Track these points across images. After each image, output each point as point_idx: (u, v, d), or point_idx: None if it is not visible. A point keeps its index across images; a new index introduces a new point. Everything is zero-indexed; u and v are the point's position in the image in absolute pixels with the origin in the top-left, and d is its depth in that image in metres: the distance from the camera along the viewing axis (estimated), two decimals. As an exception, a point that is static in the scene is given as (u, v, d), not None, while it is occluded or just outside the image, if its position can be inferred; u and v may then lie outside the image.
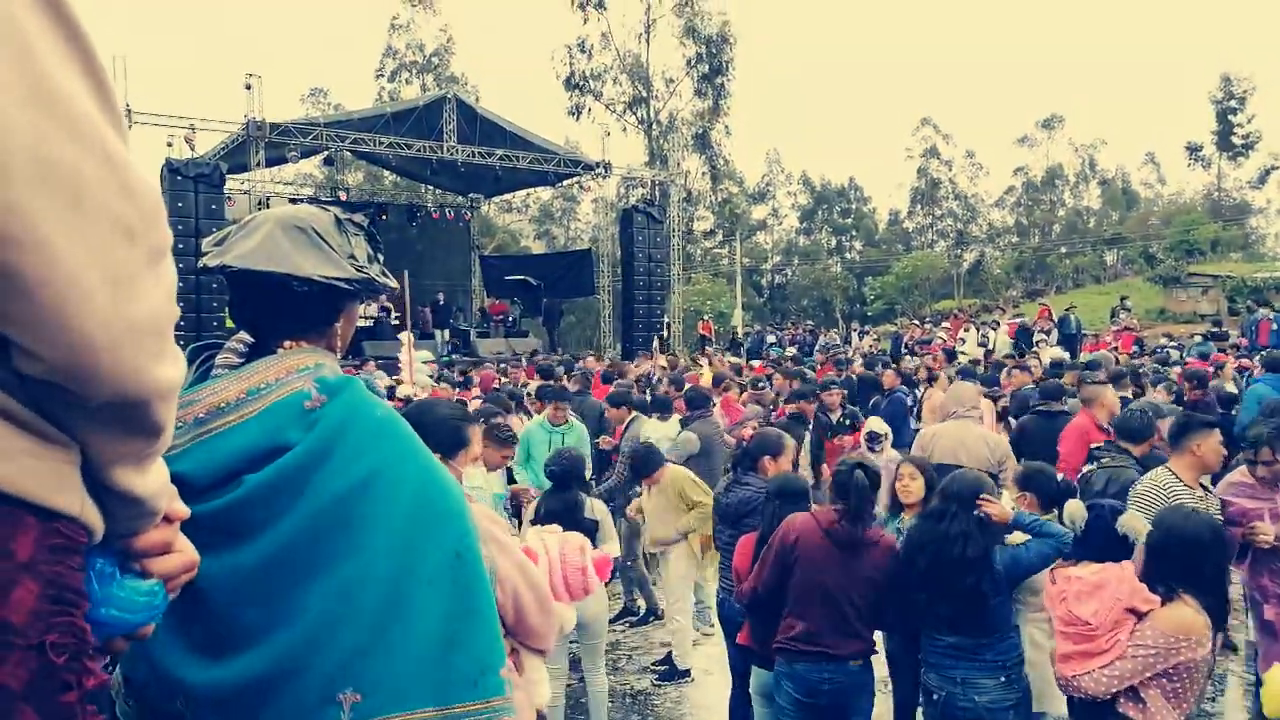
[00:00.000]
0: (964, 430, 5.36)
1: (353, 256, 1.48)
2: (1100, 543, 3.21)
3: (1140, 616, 2.98)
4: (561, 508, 4.72)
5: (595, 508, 4.93)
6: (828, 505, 3.74)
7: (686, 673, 5.75)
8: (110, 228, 0.74)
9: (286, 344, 1.44)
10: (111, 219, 0.74)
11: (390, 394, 8.94)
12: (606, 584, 5.40)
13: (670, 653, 5.86)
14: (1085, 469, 4.66)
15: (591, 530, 4.78)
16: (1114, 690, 3.01)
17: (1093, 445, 5.07)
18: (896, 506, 4.32)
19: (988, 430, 5.65)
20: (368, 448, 1.37)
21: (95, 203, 0.72)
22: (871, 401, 9.43)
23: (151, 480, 0.91)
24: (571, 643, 4.97)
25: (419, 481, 1.41)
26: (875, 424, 6.24)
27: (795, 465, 5.10)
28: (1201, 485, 4.03)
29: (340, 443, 1.35)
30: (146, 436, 0.85)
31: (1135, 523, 3.14)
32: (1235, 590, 4.55)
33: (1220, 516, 3.94)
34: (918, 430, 9.02)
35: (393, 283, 1.57)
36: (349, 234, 1.51)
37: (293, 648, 1.29)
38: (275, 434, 1.33)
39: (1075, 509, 3.28)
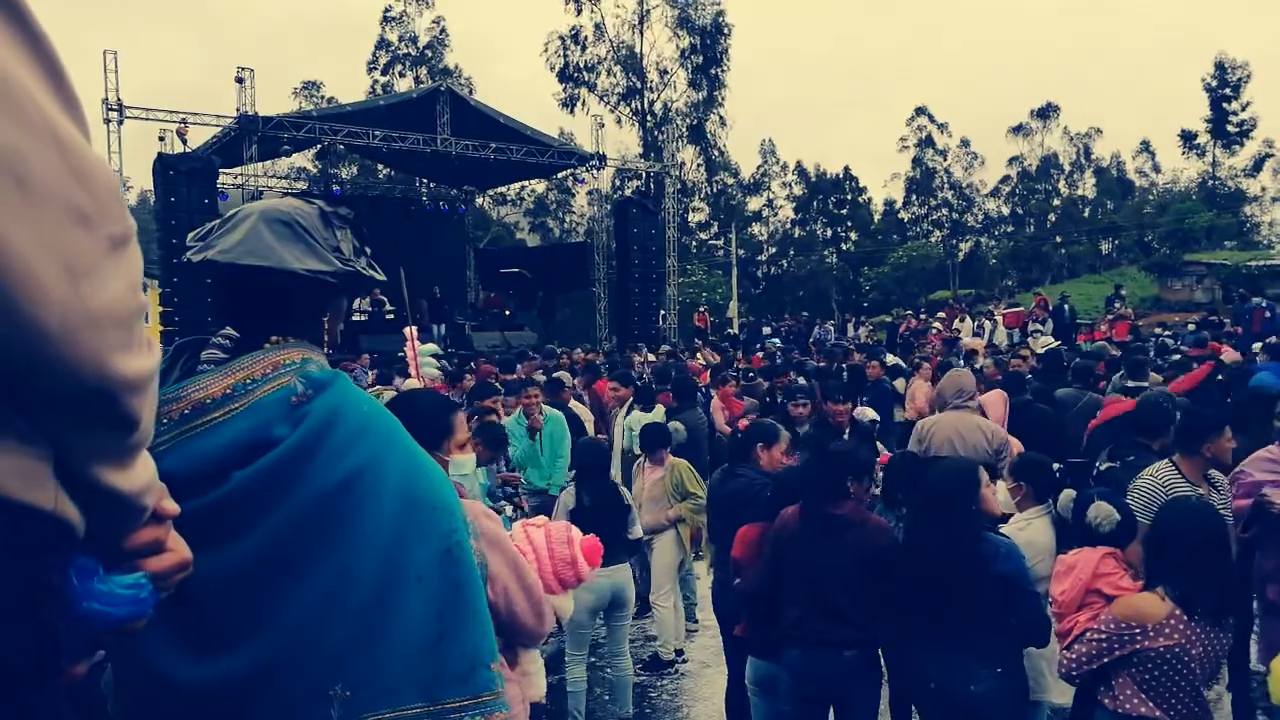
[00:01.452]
0: (960, 420, 5.34)
1: (338, 249, 1.47)
2: (1093, 533, 3.21)
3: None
4: (604, 496, 4.97)
5: (626, 495, 5.16)
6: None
7: (671, 663, 5.78)
8: (63, 214, 0.72)
9: (273, 339, 1.43)
10: (63, 205, 0.72)
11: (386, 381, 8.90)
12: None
13: (657, 649, 5.86)
14: (1106, 465, 4.64)
15: (626, 515, 5.06)
16: (1075, 673, 3.00)
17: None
18: (892, 500, 4.28)
19: (984, 420, 5.62)
20: (354, 443, 1.36)
21: (44, 188, 0.70)
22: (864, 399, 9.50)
23: (135, 476, 0.89)
24: (599, 625, 5.06)
25: (406, 476, 1.40)
26: (871, 414, 6.22)
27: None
28: (1208, 481, 3.98)
29: (327, 438, 1.34)
30: (121, 431, 0.83)
31: (1100, 512, 3.15)
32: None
33: (1228, 512, 3.91)
34: (902, 421, 9.10)
35: (380, 275, 1.56)
36: (335, 227, 1.49)
37: (281, 644, 1.29)
38: (262, 429, 1.32)
39: (1068, 499, 3.29)
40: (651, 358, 14.39)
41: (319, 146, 22.70)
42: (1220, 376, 7.70)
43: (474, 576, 1.44)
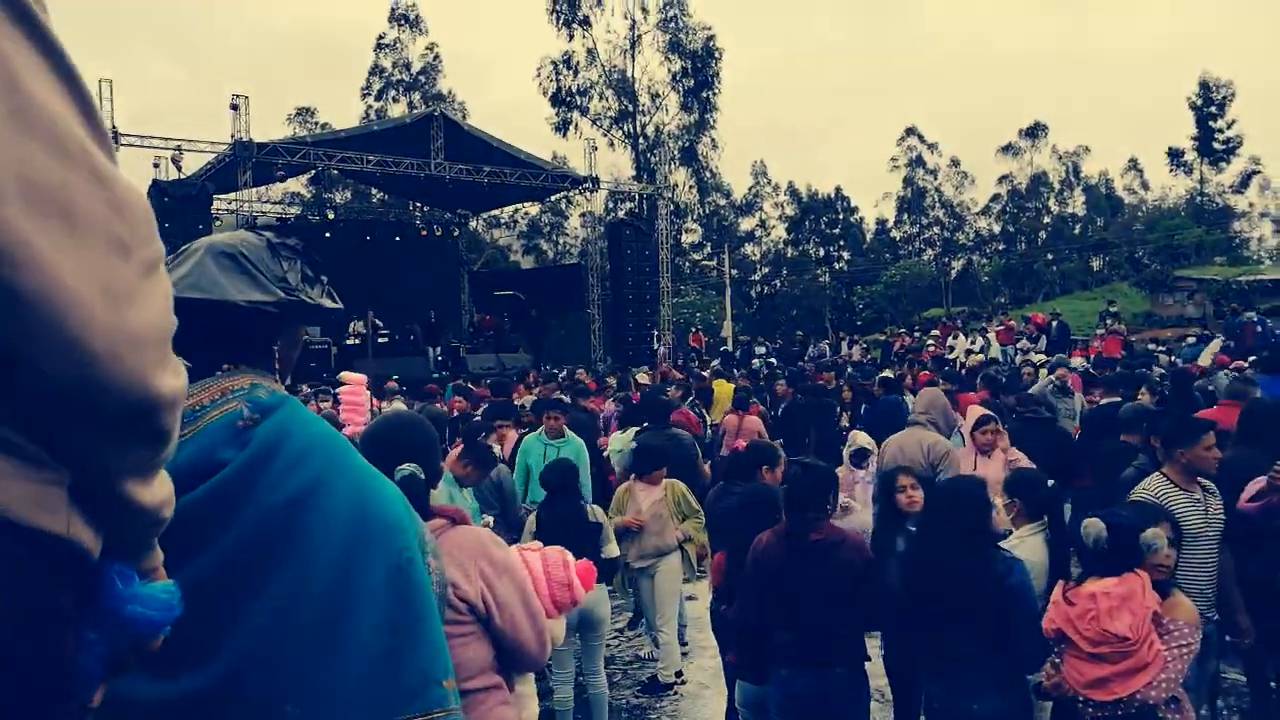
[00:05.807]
0: (906, 437, 5.35)
1: (284, 280, 1.51)
2: (1117, 554, 3.14)
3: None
4: (562, 516, 4.79)
5: (596, 513, 5.01)
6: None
7: (670, 686, 5.72)
8: (104, 243, 0.76)
9: (225, 366, 1.48)
10: (105, 235, 0.76)
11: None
12: (612, 591, 5.39)
13: (656, 671, 5.80)
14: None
15: (596, 535, 4.85)
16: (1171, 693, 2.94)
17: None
18: (898, 518, 4.24)
19: (927, 434, 5.60)
20: (300, 462, 1.39)
21: (87, 220, 0.74)
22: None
23: (158, 491, 0.93)
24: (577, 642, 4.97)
25: (356, 495, 1.43)
26: (862, 439, 6.11)
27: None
28: (1200, 484, 3.97)
29: (273, 459, 1.37)
30: (154, 445, 0.87)
31: (1157, 539, 3.08)
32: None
33: (1222, 515, 3.94)
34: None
35: (335, 304, 1.60)
36: (283, 258, 1.54)
37: (235, 663, 1.30)
38: (209, 453, 1.35)
39: (1097, 527, 3.16)
40: (643, 379, 14.36)
41: (313, 172, 22.74)
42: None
43: (426, 594, 1.46)
